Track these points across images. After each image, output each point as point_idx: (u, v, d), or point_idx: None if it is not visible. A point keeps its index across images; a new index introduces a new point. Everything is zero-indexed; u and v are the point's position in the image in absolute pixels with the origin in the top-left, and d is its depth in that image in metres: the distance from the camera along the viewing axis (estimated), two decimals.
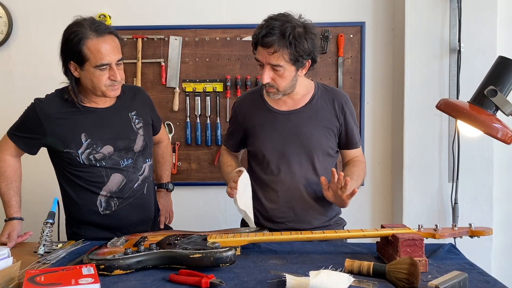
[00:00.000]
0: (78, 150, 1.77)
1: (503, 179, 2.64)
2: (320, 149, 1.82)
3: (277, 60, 1.67)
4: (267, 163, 1.84)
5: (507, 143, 1.41)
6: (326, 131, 1.83)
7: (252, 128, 1.88)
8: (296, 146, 1.81)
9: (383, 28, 2.75)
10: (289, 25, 1.65)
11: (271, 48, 1.65)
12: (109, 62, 1.69)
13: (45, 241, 1.63)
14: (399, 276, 1.27)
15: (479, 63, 2.47)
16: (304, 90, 1.85)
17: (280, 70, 1.69)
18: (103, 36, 1.68)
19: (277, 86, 1.73)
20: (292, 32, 1.64)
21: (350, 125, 1.86)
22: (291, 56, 1.66)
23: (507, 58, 1.45)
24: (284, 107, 1.85)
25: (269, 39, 1.64)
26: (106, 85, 1.73)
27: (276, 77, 1.71)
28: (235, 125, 1.95)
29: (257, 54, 1.72)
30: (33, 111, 1.78)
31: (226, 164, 1.96)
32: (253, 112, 1.89)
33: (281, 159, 1.82)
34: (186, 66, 2.77)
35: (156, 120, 2.02)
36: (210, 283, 1.27)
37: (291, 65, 1.69)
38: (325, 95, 1.86)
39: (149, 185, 1.92)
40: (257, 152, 1.87)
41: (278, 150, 1.83)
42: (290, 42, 1.64)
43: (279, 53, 1.65)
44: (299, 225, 1.80)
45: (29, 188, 2.22)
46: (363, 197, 2.83)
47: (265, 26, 1.67)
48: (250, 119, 1.89)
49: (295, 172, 1.81)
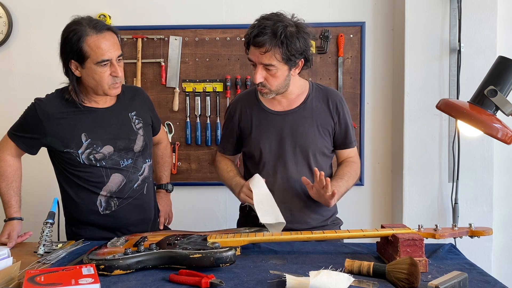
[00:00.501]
0: (78, 150, 1.77)
1: (503, 179, 2.64)
2: (316, 148, 1.82)
3: (269, 60, 1.67)
4: (263, 164, 1.84)
5: (507, 143, 1.41)
6: (321, 131, 1.83)
7: (248, 128, 1.88)
8: (291, 146, 1.81)
9: (383, 28, 2.75)
10: (281, 24, 1.65)
11: (263, 47, 1.65)
12: (110, 58, 1.70)
13: (45, 241, 1.63)
14: (399, 276, 1.27)
15: (479, 63, 2.47)
16: (299, 90, 1.85)
17: (273, 69, 1.69)
18: (102, 33, 1.69)
19: (269, 85, 1.73)
20: (284, 32, 1.64)
21: (344, 124, 1.86)
22: (283, 56, 1.66)
23: (507, 58, 1.45)
24: (279, 107, 1.85)
25: (261, 38, 1.64)
26: (108, 83, 1.73)
27: (268, 77, 1.71)
28: (230, 126, 1.93)
29: (250, 54, 1.72)
30: (33, 111, 1.78)
31: (226, 170, 1.93)
32: (249, 113, 1.88)
33: (277, 159, 1.83)
34: (186, 66, 2.77)
35: (156, 121, 2.02)
36: (210, 283, 1.27)
37: (283, 64, 1.69)
38: (319, 94, 1.86)
39: (149, 185, 1.92)
40: (253, 153, 1.87)
41: (274, 151, 1.83)
42: (282, 42, 1.64)
43: (271, 53, 1.65)
44: (296, 225, 1.80)
45: (29, 188, 2.22)
46: (363, 197, 2.83)
47: (257, 26, 1.67)
48: (245, 119, 1.88)
49: (291, 172, 1.82)
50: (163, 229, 2.06)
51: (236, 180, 1.85)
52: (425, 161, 2.57)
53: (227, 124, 1.95)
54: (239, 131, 1.91)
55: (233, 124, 1.92)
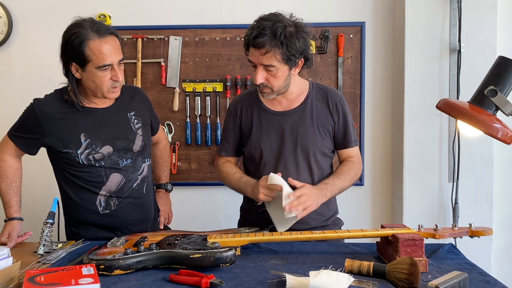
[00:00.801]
0: (78, 150, 1.77)
1: (503, 179, 2.64)
2: (316, 148, 1.82)
3: (270, 61, 1.67)
4: (263, 164, 1.84)
5: (507, 143, 1.41)
6: (322, 131, 1.83)
7: (248, 128, 1.87)
8: (292, 146, 1.81)
9: (383, 28, 2.75)
10: (280, 25, 1.65)
11: (263, 48, 1.65)
12: (111, 63, 1.69)
13: (45, 241, 1.63)
14: (399, 276, 1.27)
15: (479, 63, 2.47)
16: (299, 90, 1.85)
17: (273, 70, 1.69)
18: (105, 37, 1.68)
19: (271, 86, 1.73)
20: (283, 32, 1.64)
21: (344, 124, 1.86)
22: (283, 56, 1.66)
23: (507, 58, 1.45)
24: (279, 107, 1.85)
25: (261, 39, 1.64)
26: (108, 87, 1.73)
27: (269, 77, 1.71)
28: (231, 127, 1.91)
29: (250, 55, 1.72)
30: (32, 112, 1.78)
31: (231, 172, 1.87)
32: (249, 113, 1.88)
33: (277, 159, 1.82)
34: (186, 66, 2.77)
35: (155, 121, 2.02)
36: (210, 283, 1.27)
37: (283, 64, 1.69)
38: (319, 94, 1.86)
39: (148, 184, 1.92)
40: (253, 153, 1.86)
41: (274, 151, 1.83)
42: (281, 42, 1.64)
43: (271, 53, 1.65)
44: (296, 225, 1.80)
45: (29, 188, 2.22)
46: (363, 197, 2.83)
47: (256, 27, 1.66)
48: (246, 119, 1.88)
49: (291, 172, 1.81)
50: (163, 229, 2.06)
51: (245, 180, 1.80)
52: (425, 161, 2.57)
53: (228, 124, 1.93)
54: (240, 131, 1.90)
55: (235, 124, 1.90)
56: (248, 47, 1.71)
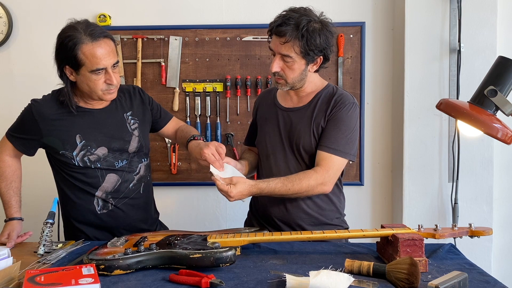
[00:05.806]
0: (73, 152, 1.77)
1: (503, 179, 2.64)
2: (309, 148, 1.80)
3: (287, 51, 1.68)
4: (266, 156, 1.89)
5: (507, 143, 1.41)
6: (315, 131, 1.81)
7: (260, 122, 1.95)
8: (287, 143, 1.83)
9: (383, 28, 2.75)
10: (305, 18, 1.67)
11: (283, 37, 1.67)
12: (105, 67, 1.68)
13: (45, 241, 1.63)
14: (399, 276, 1.27)
15: (479, 63, 2.47)
16: (312, 88, 1.83)
17: (290, 61, 1.70)
18: (98, 41, 1.67)
19: (285, 77, 1.75)
20: (306, 26, 1.65)
21: (331, 127, 1.76)
22: (301, 49, 1.67)
23: (507, 58, 1.45)
24: (290, 104, 1.87)
25: (283, 28, 1.66)
26: (103, 90, 1.73)
27: (285, 68, 1.73)
28: (252, 119, 2.04)
29: (271, 43, 1.75)
30: (29, 112, 1.78)
31: (241, 157, 2.04)
32: (264, 107, 1.96)
33: (274, 154, 1.86)
34: (186, 66, 2.77)
35: (157, 114, 1.99)
36: (210, 283, 1.27)
37: (301, 58, 1.70)
38: (329, 96, 1.80)
39: (146, 184, 1.92)
40: (259, 146, 1.94)
41: (272, 145, 1.86)
42: (302, 35, 1.65)
43: (290, 44, 1.67)
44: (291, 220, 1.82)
45: (29, 188, 2.22)
46: (363, 197, 2.83)
47: (282, 16, 1.70)
48: (260, 113, 1.97)
49: (282, 168, 1.83)
50: (162, 229, 2.06)
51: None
52: (425, 161, 2.57)
53: (253, 117, 2.05)
54: (255, 123, 2.00)
55: (254, 116, 2.02)
56: (271, 34, 1.74)
